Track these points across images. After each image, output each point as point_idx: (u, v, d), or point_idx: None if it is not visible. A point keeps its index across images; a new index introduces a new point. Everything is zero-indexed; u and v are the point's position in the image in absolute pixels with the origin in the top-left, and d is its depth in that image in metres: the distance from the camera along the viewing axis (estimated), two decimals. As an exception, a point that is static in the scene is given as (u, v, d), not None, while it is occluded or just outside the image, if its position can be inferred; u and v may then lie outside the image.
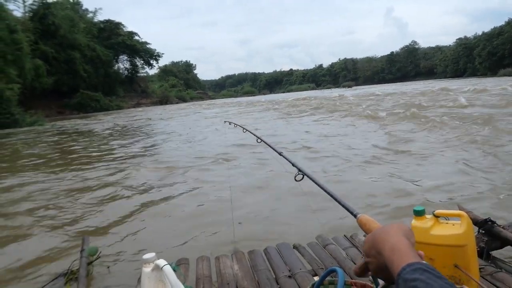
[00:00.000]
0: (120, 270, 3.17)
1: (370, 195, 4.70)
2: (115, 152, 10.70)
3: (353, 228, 2.91)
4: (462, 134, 8.27)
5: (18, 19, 40.69)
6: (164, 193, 5.72)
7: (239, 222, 4.04)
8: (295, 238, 3.03)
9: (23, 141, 16.90)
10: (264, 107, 28.68)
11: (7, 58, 31.35)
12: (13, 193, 6.30)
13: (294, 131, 12.17)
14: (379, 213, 4.04)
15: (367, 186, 5.10)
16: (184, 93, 78.28)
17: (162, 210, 4.92)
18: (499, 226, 2.40)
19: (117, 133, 17.31)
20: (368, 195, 4.68)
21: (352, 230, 2.92)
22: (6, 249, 3.85)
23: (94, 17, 63.68)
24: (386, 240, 0.70)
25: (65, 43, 47.84)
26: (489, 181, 4.82)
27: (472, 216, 2.36)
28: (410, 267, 0.59)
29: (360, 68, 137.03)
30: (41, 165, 9.44)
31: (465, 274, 1.74)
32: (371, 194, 4.71)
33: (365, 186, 5.15)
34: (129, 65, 68.77)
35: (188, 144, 11.46)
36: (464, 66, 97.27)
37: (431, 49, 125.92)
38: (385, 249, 0.68)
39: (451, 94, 20.26)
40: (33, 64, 37.82)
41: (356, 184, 5.29)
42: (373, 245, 0.73)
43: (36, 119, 29.15)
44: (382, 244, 0.70)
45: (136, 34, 68.54)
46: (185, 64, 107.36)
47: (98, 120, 29.50)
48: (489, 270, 2.07)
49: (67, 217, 4.76)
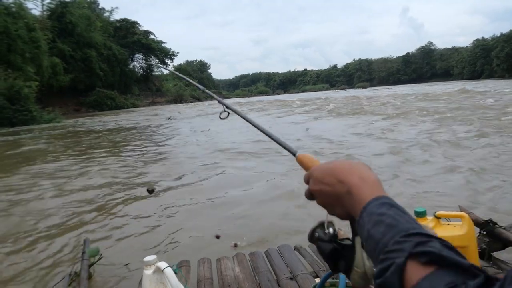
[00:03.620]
0: (121, 272, 3.18)
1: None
2: (128, 150, 10.86)
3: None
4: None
5: (36, 17, 41.29)
6: (164, 192, 5.77)
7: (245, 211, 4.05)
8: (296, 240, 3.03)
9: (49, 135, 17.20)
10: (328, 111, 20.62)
11: (25, 56, 31.96)
12: (14, 193, 6.29)
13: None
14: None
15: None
16: (198, 92, 78.45)
17: (163, 210, 4.94)
18: (501, 227, 2.39)
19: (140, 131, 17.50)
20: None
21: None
22: (8, 251, 3.82)
23: (111, 16, 64.41)
24: (353, 171, 0.64)
25: (82, 42, 48.43)
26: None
27: (474, 217, 2.35)
28: (377, 201, 0.56)
29: (375, 69, 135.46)
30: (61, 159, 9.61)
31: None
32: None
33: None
34: (144, 64, 69.25)
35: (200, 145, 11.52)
36: (481, 67, 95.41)
37: (448, 50, 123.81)
38: (352, 179, 0.62)
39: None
40: (51, 62, 38.38)
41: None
42: (334, 172, 0.65)
43: (54, 116, 29.54)
44: (349, 174, 0.63)
45: (152, 33, 69.05)
46: (200, 64, 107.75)
47: (117, 117, 29.68)
48: (491, 272, 2.05)
49: (70, 218, 4.77)
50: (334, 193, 0.65)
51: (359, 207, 0.58)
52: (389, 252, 0.47)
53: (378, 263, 0.48)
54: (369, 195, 0.58)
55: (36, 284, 3.08)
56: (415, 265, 0.43)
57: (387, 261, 0.46)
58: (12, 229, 4.48)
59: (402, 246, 0.46)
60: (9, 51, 30.34)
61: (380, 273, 0.46)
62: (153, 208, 5.03)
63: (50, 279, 3.07)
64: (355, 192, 0.60)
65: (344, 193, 0.62)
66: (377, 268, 0.47)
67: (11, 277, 3.24)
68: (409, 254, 0.44)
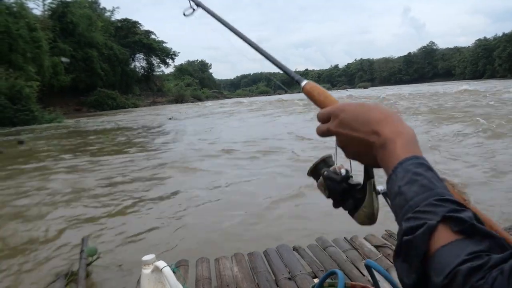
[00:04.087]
0: (119, 271, 3.18)
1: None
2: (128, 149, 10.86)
3: (353, 231, 2.90)
4: None
5: (38, 17, 41.35)
6: (164, 193, 5.78)
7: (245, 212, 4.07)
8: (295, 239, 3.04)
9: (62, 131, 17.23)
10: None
11: (26, 55, 32.00)
12: (14, 193, 6.30)
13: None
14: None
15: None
16: (199, 92, 78.53)
17: (162, 210, 4.94)
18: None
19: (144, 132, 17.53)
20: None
21: (352, 232, 2.91)
22: (7, 251, 3.82)
23: (112, 15, 64.48)
24: (390, 122, 0.60)
25: (83, 42, 48.48)
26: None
27: None
28: (415, 160, 0.54)
29: (376, 68, 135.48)
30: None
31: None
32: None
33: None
34: (145, 63, 69.35)
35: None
36: (483, 67, 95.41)
37: (449, 50, 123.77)
38: (388, 133, 0.58)
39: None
40: (52, 62, 38.45)
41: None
42: (369, 121, 0.61)
43: (55, 116, 29.58)
44: (385, 125, 0.59)
45: (153, 33, 69.08)
46: (201, 63, 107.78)
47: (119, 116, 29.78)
48: None
49: (69, 217, 4.77)
50: (365, 143, 0.61)
51: (393, 163, 0.55)
52: (420, 212, 0.47)
53: (404, 221, 0.48)
54: (405, 152, 0.55)
55: (34, 283, 3.08)
56: (445, 230, 0.44)
57: (417, 220, 0.46)
58: (10, 228, 4.49)
59: (436, 209, 0.46)
60: (11, 51, 30.36)
61: (408, 231, 0.46)
62: (153, 208, 5.04)
63: (48, 278, 3.07)
64: (391, 147, 0.57)
65: (378, 146, 0.59)
66: (404, 225, 0.47)
67: (9, 275, 3.25)
68: (442, 218, 0.44)
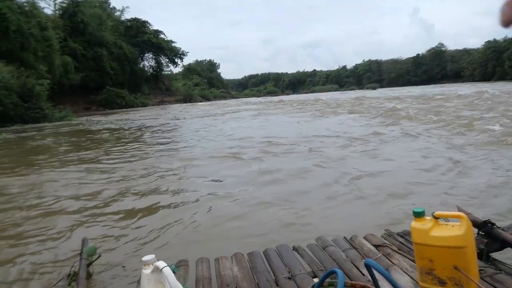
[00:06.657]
0: (120, 271, 3.19)
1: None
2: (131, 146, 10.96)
3: (353, 231, 2.95)
4: None
5: (49, 16, 41.68)
6: (164, 192, 5.81)
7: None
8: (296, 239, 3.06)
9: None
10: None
11: (37, 54, 32.29)
12: (15, 192, 6.30)
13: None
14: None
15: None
16: (208, 91, 78.52)
17: (162, 210, 4.98)
18: (499, 228, 2.40)
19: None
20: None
21: (352, 232, 2.94)
22: (7, 251, 3.80)
23: (121, 15, 64.77)
24: None
25: (93, 41, 48.77)
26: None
27: (472, 218, 2.37)
28: None
29: (384, 70, 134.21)
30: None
31: (465, 276, 1.76)
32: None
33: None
34: (154, 63, 69.57)
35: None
36: (492, 69, 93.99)
37: (459, 52, 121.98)
38: None
39: None
40: (62, 60, 38.74)
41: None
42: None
43: (65, 114, 29.87)
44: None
45: (162, 33, 69.15)
46: (209, 63, 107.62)
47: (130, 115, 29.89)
48: (489, 272, 2.08)
49: (69, 217, 4.78)
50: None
51: None
52: None
53: None
54: None
55: (35, 284, 3.09)
56: None
57: None
58: (10, 227, 4.50)
59: None
60: (22, 50, 30.67)
61: None
62: (152, 208, 5.07)
63: (50, 279, 3.08)
64: None
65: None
66: None
67: (10, 276, 3.24)
68: None
